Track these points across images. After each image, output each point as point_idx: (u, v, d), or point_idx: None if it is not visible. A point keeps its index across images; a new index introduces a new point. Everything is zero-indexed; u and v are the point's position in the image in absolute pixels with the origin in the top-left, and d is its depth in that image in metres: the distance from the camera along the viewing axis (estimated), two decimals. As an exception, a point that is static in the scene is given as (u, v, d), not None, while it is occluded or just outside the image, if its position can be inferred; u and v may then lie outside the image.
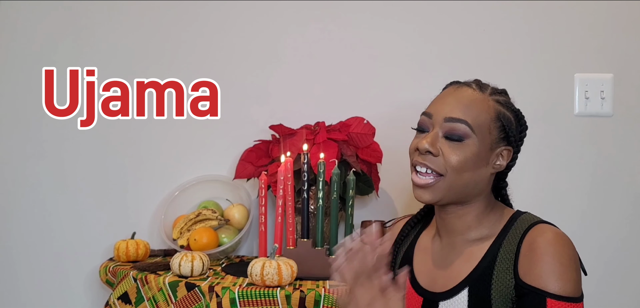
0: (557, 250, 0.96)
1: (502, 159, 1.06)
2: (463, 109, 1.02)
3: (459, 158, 1.01)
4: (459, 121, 1.01)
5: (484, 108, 1.04)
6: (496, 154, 1.05)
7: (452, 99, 1.05)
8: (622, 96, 1.77)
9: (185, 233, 1.66)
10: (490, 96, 1.06)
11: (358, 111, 1.71)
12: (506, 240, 1.01)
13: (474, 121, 1.02)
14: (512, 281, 0.97)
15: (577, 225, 1.75)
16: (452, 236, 1.08)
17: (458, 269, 1.05)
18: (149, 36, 1.84)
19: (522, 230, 1.01)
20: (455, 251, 1.07)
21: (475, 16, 1.79)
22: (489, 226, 1.06)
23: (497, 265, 1.00)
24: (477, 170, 1.03)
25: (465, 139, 1.01)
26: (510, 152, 1.07)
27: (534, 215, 1.05)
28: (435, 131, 1.03)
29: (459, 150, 1.01)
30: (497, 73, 1.76)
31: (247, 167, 1.71)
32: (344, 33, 1.82)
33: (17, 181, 1.85)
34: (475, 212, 1.06)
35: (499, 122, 1.04)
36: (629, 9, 1.77)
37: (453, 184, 1.02)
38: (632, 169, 1.78)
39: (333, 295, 1.28)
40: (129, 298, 1.47)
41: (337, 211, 1.45)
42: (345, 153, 1.62)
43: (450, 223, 1.08)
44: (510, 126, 1.05)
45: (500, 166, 1.06)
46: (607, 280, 1.75)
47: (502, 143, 1.06)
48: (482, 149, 1.03)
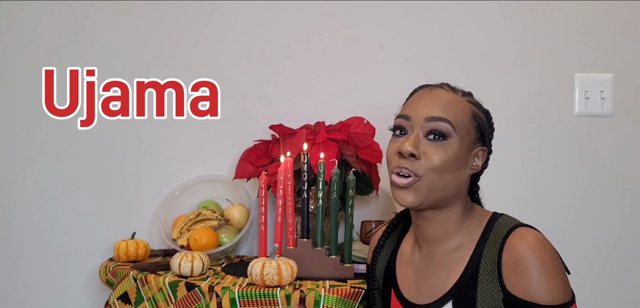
0: (541, 257, 0.93)
1: (478, 160, 1.05)
2: (443, 109, 1.01)
3: (441, 158, 0.99)
4: (442, 119, 1.00)
5: (461, 108, 1.03)
6: (473, 154, 1.04)
7: (430, 100, 1.03)
8: (622, 96, 1.77)
9: (185, 233, 1.66)
10: (464, 97, 1.05)
11: (358, 111, 1.71)
12: (486, 248, 1.00)
13: (454, 120, 1.01)
14: (499, 294, 0.96)
15: (576, 225, 1.76)
16: (430, 246, 1.06)
17: (440, 281, 1.03)
18: (149, 36, 1.84)
19: (501, 236, 0.99)
20: (436, 262, 1.05)
21: (475, 16, 1.79)
22: (467, 232, 1.04)
23: (481, 276, 0.98)
24: (457, 171, 1.01)
25: (448, 138, 1.00)
26: (485, 152, 1.06)
27: (511, 217, 1.04)
28: (416, 132, 1.02)
29: (441, 150, 1.00)
30: (497, 73, 1.78)
31: (247, 167, 1.71)
32: (344, 33, 1.82)
33: (17, 181, 1.85)
34: (453, 217, 1.04)
35: (474, 122, 1.04)
36: (629, 9, 1.77)
37: (434, 185, 1.00)
38: (631, 170, 1.78)
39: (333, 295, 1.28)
40: (129, 298, 1.47)
41: (337, 211, 1.45)
42: (345, 153, 1.62)
43: (428, 232, 1.06)
44: (484, 126, 1.05)
45: (477, 167, 1.05)
46: (606, 280, 1.75)
47: (478, 143, 1.05)
48: (462, 150, 1.01)
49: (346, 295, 1.28)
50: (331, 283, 1.36)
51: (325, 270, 1.42)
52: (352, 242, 1.50)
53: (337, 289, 1.28)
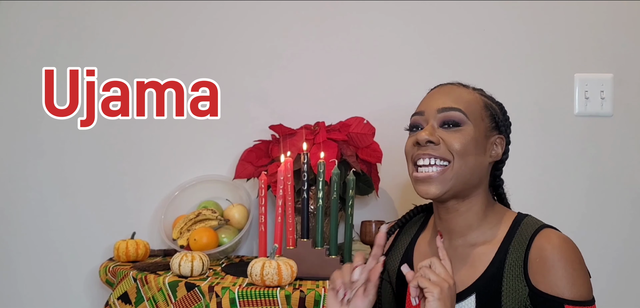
0: (568, 256, 0.98)
1: (497, 148, 1.08)
2: (454, 99, 1.04)
3: (460, 141, 1.02)
4: (453, 109, 1.03)
5: (472, 99, 1.06)
6: (491, 142, 1.07)
7: (441, 94, 1.07)
8: (622, 96, 1.77)
9: (185, 233, 1.66)
10: (475, 91, 1.09)
11: (358, 111, 1.71)
12: (512, 246, 1.02)
13: (466, 108, 1.03)
14: (525, 289, 0.99)
15: (576, 225, 1.75)
16: (453, 239, 1.08)
17: (463, 274, 1.04)
18: (149, 36, 1.84)
19: (528, 236, 1.01)
20: (458, 255, 1.07)
21: (475, 16, 1.79)
22: (490, 228, 1.06)
23: (506, 272, 1.00)
24: (477, 156, 1.04)
25: (462, 125, 1.03)
26: (503, 140, 1.09)
27: (537, 219, 1.06)
28: (431, 124, 1.04)
29: (458, 134, 1.02)
30: (497, 73, 1.78)
31: (247, 167, 1.71)
32: (344, 33, 1.82)
33: (17, 181, 1.85)
34: (475, 208, 1.06)
35: (488, 111, 1.07)
36: (629, 9, 1.77)
37: (459, 170, 1.02)
38: (632, 170, 1.78)
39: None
40: (129, 298, 1.47)
41: (337, 211, 1.45)
42: (345, 153, 1.62)
43: (451, 222, 1.07)
44: (498, 116, 1.08)
45: (497, 155, 1.08)
46: (607, 281, 1.75)
47: (495, 132, 1.07)
48: (479, 136, 1.04)
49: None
50: (331, 283, 1.36)
51: (325, 270, 1.41)
52: (352, 242, 1.50)
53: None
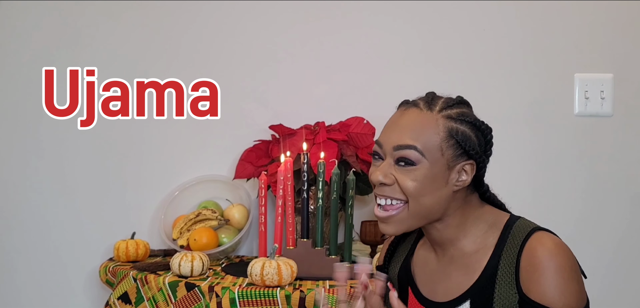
0: (559, 263, 0.94)
1: (466, 175, 1.02)
2: (410, 134, 0.99)
3: (414, 183, 0.98)
4: (408, 147, 0.99)
5: (433, 129, 0.99)
6: (456, 171, 1.01)
7: (398, 127, 1.02)
8: (622, 96, 1.77)
9: (185, 233, 1.66)
10: (440, 113, 1.01)
11: (358, 111, 1.71)
12: (505, 251, 1.00)
13: (423, 145, 0.98)
14: (515, 296, 0.97)
15: (576, 225, 1.76)
16: (445, 248, 1.07)
17: (458, 280, 1.04)
18: (149, 36, 1.84)
19: (520, 239, 0.99)
20: (453, 262, 1.06)
21: (475, 17, 1.79)
22: (481, 233, 1.04)
23: (499, 278, 0.99)
24: (435, 192, 1.00)
25: (417, 164, 0.99)
26: (474, 166, 1.02)
27: (529, 221, 1.03)
28: (387, 161, 1.01)
29: (412, 174, 0.99)
30: (497, 73, 1.78)
31: (247, 167, 1.71)
32: (344, 33, 1.82)
33: (17, 181, 1.85)
34: (454, 223, 1.04)
35: (452, 140, 1.00)
36: (629, 9, 1.77)
37: (415, 210, 1.00)
38: (632, 169, 1.77)
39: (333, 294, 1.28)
40: (129, 298, 1.47)
41: (337, 211, 1.45)
42: (345, 153, 1.62)
43: (435, 236, 1.06)
44: (467, 141, 1.00)
45: (464, 182, 1.02)
46: (607, 281, 1.75)
47: (461, 159, 1.01)
48: (437, 171, 0.99)
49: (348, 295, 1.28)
50: (331, 283, 1.36)
51: (325, 270, 1.41)
52: (352, 242, 1.50)
53: (337, 289, 1.28)
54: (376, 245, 1.58)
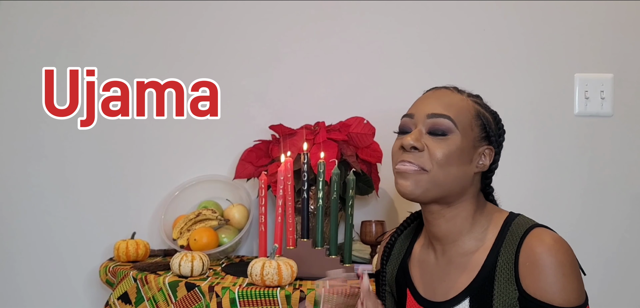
0: (558, 259, 0.95)
1: (485, 159, 1.06)
2: (445, 106, 1.03)
3: (443, 151, 1.01)
4: (442, 116, 1.02)
5: (464, 106, 1.04)
6: (479, 153, 1.05)
7: (433, 99, 1.06)
8: (622, 96, 1.77)
9: (185, 233, 1.66)
10: (468, 97, 1.07)
11: (358, 111, 1.71)
12: (503, 248, 1.00)
13: (456, 117, 1.02)
14: (515, 292, 0.97)
15: (576, 225, 1.76)
16: (444, 245, 1.07)
17: (457, 280, 1.04)
18: (149, 36, 1.84)
19: (518, 236, 1.00)
20: (452, 261, 1.06)
21: (475, 17, 1.79)
22: (481, 231, 1.05)
23: (498, 275, 0.99)
24: (461, 166, 1.02)
25: (449, 134, 1.02)
26: (492, 151, 1.07)
27: (528, 218, 1.04)
28: (419, 128, 1.04)
29: (443, 144, 1.01)
30: (497, 74, 1.78)
31: (247, 167, 1.71)
32: (344, 33, 1.82)
33: (17, 181, 1.85)
34: (462, 215, 1.05)
35: (479, 120, 1.05)
36: (629, 9, 1.77)
37: (437, 179, 1.01)
38: (631, 170, 1.77)
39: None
40: (129, 298, 1.47)
41: (337, 211, 1.45)
42: (345, 153, 1.62)
43: (438, 229, 1.06)
44: (490, 126, 1.06)
45: (483, 166, 1.06)
46: (607, 281, 1.75)
47: (484, 142, 1.06)
48: (465, 145, 1.03)
49: (346, 295, 1.28)
50: (331, 283, 1.36)
51: (325, 270, 1.41)
52: (352, 242, 1.51)
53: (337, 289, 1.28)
54: (376, 245, 1.58)
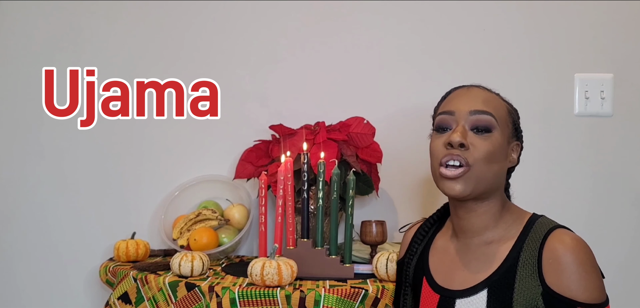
0: (580, 258, 0.99)
1: (514, 154, 1.11)
2: (485, 103, 1.06)
3: (488, 148, 1.04)
4: (485, 112, 1.05)
5: (499, 103, 1.08)
6: (511, 148, 1.09)
7: (471, 96, 1.08)
8: (622, 96, 1.77)
9: (185, 233, 1.66)
10: (497, 95, 1.11)
11: (358, 111, 1.71)
12: (526, 245, 1.03)
13: (496, 113, 1.05)
14: (539, 288, 0.99)
15: (577, 225, 1.73)
16: (469, 237, 1.09)
17: (477, 269, 1.06)
18: (149, 36, 1.84)
19: (541, 235, 1.03)
20: (473, 251, 1.08)
21: (475, 16, 1.79)
22: (505, 227, 1.07)
23: (520, 270, 1.01)
24: (500, 162, 1.06)
25: (492, 131, 1.05)
26: (519, 147, 1.12)
27: (551, 219, 1.08)
28: (462, 125, 1.05)
29: (487, 141, 1.04)
30: (497, 74, 1.78)
31: (247, 167, 1.71)
32: (344, 33, 1.82)
33: (17, 181, 1.85)
34: (492, 210, 1.08)
35: (510, 117, 1.09)
36: (629, 9, 1.77)
37: (482, 175, 1.04)
38: (632, 170, 1.78)
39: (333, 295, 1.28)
40: (129, 298, 1.47)
41: (337, 211, 1.45)
42: (345, 153, 1.62)
43: (468, 222, 1.09)
44: (517, 122, 1.11)
45: (513, 161, 1.11)
46: (607, 281, 1.74)
47: (513, 138, 1.10)
48: (503, 141, 1.06)
49: (346, 295, 1.28)
50: (331, 283, 1.36)
51: (325, 270, 1.42)
52: (352, 242, 1.50)
53: (337, 289, 1.28)
54: (376, 245, 1.58)
